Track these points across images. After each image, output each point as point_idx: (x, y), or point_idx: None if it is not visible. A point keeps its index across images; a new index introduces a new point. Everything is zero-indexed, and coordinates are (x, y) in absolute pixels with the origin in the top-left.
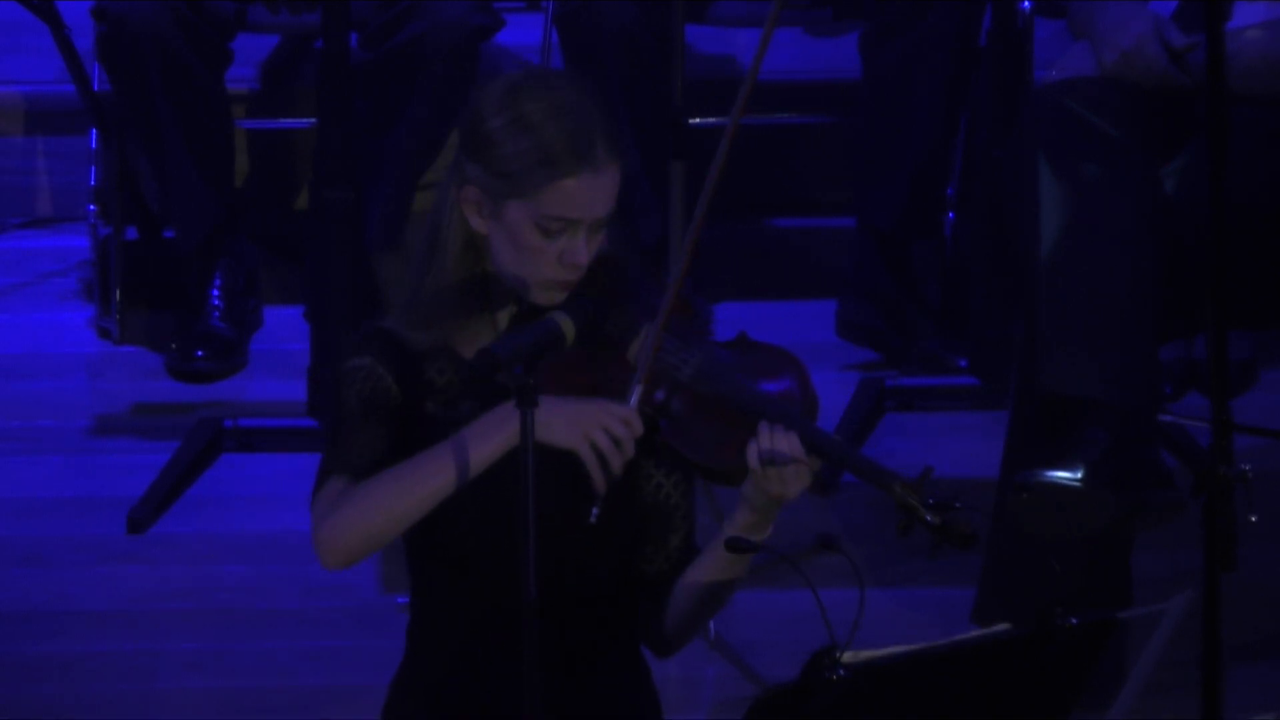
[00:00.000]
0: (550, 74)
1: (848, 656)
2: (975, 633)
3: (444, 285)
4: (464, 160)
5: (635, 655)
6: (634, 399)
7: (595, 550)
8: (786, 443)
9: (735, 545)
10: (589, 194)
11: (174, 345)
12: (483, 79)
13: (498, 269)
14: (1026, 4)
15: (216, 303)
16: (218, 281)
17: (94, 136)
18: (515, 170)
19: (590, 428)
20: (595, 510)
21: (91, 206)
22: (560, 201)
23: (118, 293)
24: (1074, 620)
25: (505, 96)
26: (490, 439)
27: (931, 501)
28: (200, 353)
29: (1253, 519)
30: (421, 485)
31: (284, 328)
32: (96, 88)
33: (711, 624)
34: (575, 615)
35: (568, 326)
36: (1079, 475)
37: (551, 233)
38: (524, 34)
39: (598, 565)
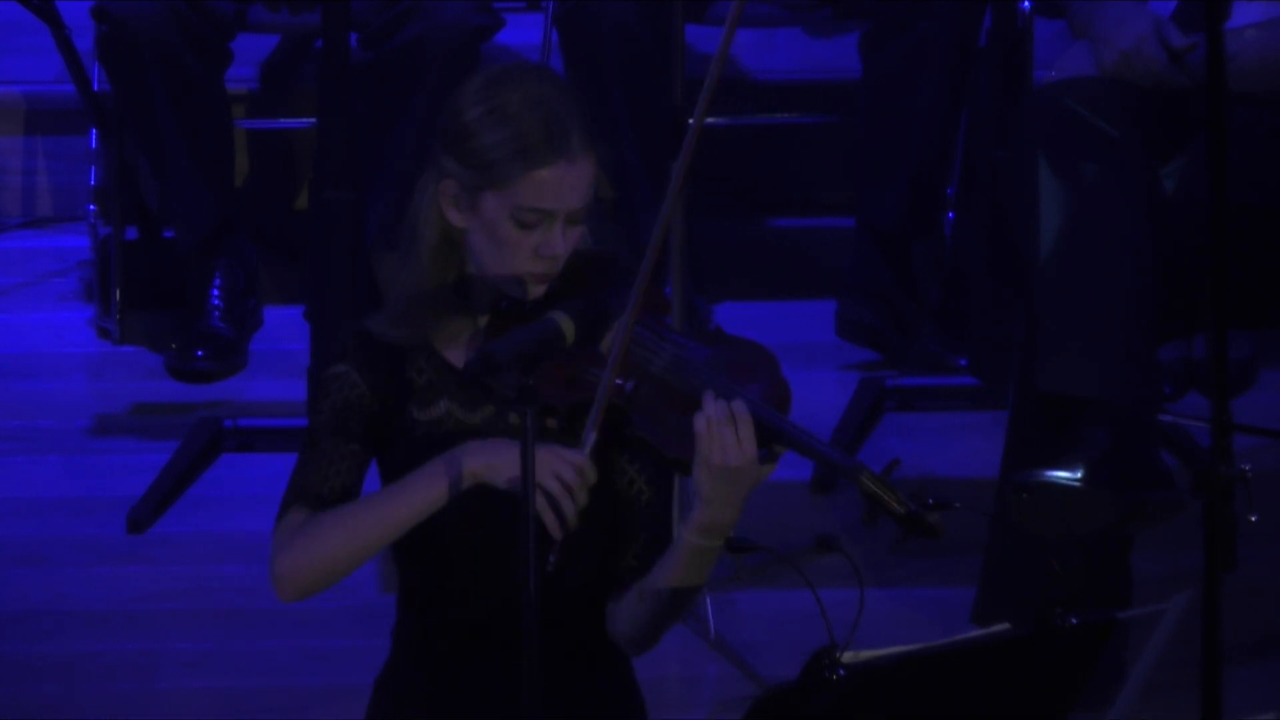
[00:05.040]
0: (528, 66)
1: (848, 656)
2: (975, 633)
3: (421, 282)
4: (441, 154)
5: (615, 649)
6: (588, 444)
7: (572, 548)
8: (727, 406)
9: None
10: (563, 185)
11: (174, 345)
12: None
13: (475, 264)
14: (1026, 4)
15: (216, 303)
16: (218, 281)
17: (94, 136)
18: (492, 161)
19: (542, 474)
20: (552, 558)
21: (91, 206)
22: (535, 193)
23: (118, 293)
24: (1074, 620)
25: (483, 89)
26: (437, 483)
27: (900, 494)
28: (200, 353)
29: (1253, 519)
30: (372, 527)
31: (284, 328)
32: (96, 88)
33: (711, 624)
34: (554, 612)
35: (567, 326)
36: (1078, 475)
37: (527, 225)
38: (524, 34)
39: (575, 562)
